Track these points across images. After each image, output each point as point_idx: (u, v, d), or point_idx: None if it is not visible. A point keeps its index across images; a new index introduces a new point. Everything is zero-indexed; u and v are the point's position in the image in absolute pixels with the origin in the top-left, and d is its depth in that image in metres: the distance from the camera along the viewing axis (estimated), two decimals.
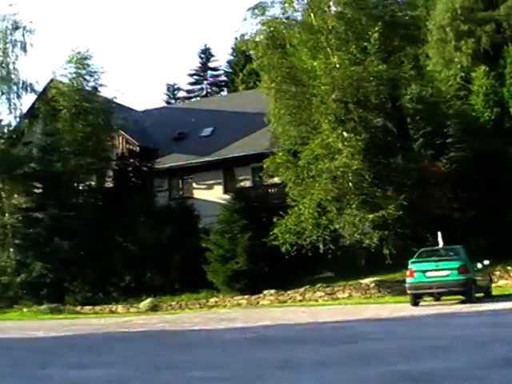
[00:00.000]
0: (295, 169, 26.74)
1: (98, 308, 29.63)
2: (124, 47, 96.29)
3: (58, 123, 33.16)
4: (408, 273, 19.48)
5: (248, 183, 35.90)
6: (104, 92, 35.23)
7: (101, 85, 34.84)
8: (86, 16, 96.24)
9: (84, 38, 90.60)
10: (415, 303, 19.15)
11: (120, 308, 29.39)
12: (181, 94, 71.33)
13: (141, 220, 30.04)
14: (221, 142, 37.62)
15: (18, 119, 33.84)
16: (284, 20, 28.16)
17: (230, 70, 74.20)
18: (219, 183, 37.20)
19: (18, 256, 31.46)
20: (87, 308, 29.78)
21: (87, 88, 34.55)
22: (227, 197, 33.47)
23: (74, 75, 34.46)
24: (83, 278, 30.03)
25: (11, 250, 31.82)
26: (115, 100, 34.87)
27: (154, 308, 28.74)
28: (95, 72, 34.72)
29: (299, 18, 28.46)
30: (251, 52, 30.09)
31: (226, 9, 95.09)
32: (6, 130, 33.79)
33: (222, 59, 74.72)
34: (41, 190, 32.32)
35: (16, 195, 33.25)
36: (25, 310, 31.04)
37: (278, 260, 27.14)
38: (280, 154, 26.85)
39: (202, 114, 42.31)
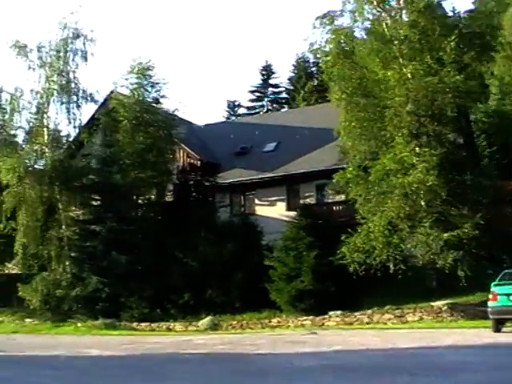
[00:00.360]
0: (365, 184, 26.87)
1: (154, 325, 30.22)
2: (185, 62, 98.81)
3: (118, 134, 34.05)
4: (491, 296, 19.12)
5: (312, 200, 36.06)
6: (166, 104, 36.04)
7: (162, 96, 35.81)
8: (149, 28, 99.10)
9: (146, 49, 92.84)
10: (497, 329, 18.75)
11: (178, 326, 29.89)
12: (241, 110, 72.64)
13: (202, 235, 30.47)
14: (284, 157, 38.24)
15: (77, 130, 34.76)
16: (354, 29, 28.42)
17: (291, 87, 75.27)
18: (282, 200, 37.76)
19: (73, 269, 32.36)
20: (143, 325, 30.42)
21: (148, 99, 35.34)
22: (290, 214, 34.10)
23: (136, 86, 35.49)
24: (140, 294, 30.59)
25: (67, 262, 32.76)
26: (176, 112, 35.51)
27: (213, 327, 29.11)
28: (157, 83, 35.74)
29: (369, 27, 28.66)
30: (321, 62, 30.38)
31: (288, 26, 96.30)
32: (64, 141, 34.66)
33: (283, 76, 75.90)
34: (99, 203, 33.11)
35: (73, 207, 34.15)
36: (79, 324, 31.94)
37: (345, 280, 27.22)
38: (350, 168, 27.03)
39: (265, 128, 43.10)
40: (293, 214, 33.58)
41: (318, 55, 30.14)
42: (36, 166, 34.36)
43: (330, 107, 41.89)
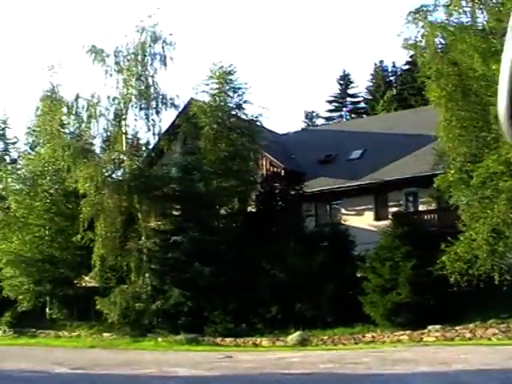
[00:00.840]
0: (467, 189, 26.76)
1: (240, 340, 30.83)
2: (262, 71, 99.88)
3: (200, 142, 34.71)
4: None
5: (401, 209, 36.06)
6: (248, 109, 36.66)
7: (245, 101, 36.31)
8: (228, 34, 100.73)
9: (224, 55, 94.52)
10: None
11: (265, 341, 30.42)
12: (319, 121, 73.52)
13: (291, 245, 30.88)
14: (371, 165, 38.55)
15: (156, 137, 35.74)
16: (449, 24, 28.39)
17: (370, 97, 75.87)
18: (370, 209, 37.90)
19: (154, 281, 33.16)
20: (228, 340, 31.12)
21: (230, 105, 35.99)
22: (378, 224, 34.64)
23: (217, 91, 36.05)
24: (224, 307, 31.20)
25: (147, 275, 33.59)
26: (260, 118, 36.20)
27: (302, 342, 29.52)
28: (239, 88, 36.26)
29: (466, 21, 28.60)
30: (415, 58, 30.53)
31: (366, 35, 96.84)
32: (143, 149, 35.62)
33: (361, 85, 76.56)
34: (180, 212, 33.78)
35: (153, 217, 34.97)
36: (159, 339, 32.76)
37: (445, 292, 27.16)
38: (452, 171, 27.01)
39: (349, 136, 43.49)
40: (381, 223, 34.04)
41: (413, 51, 30.13)
42: (114, 176, 35.23)
43: (417, 113, 42.20)
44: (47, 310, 39.85)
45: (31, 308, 38.73)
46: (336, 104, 78.06)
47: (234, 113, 37.00)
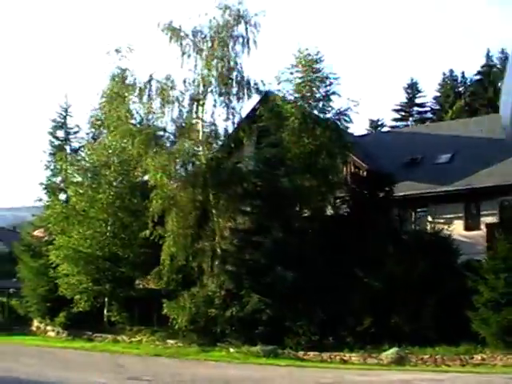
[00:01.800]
0: None
1: (325, 355, 27.97)
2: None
3: (283, 134, 31.79)
4: None
5: (493, 219, 33.07)
6: (336, 102, 33.79)
7: (333, 93, 33.28)
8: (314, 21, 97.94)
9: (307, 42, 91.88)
10: None
11: (355, 357, 27.62)
12: (384, 130, 71.11)
13: (389, 251, 27.81)
14: (461, 170, 35.98)
15: (235, 126, 32.80)
16: None
17: (437, 107, 74.36)
18: (459, 218, 34.83)
19: (229, 285, 30.23)
20: (312, 354, 28.54)
21: (317, 95, 33.06)
22: (468, 234, 33.14)
23: (302, 80, 33.16)
24: (310, 317, 28.56)
25: (221, 278, 30.66)
26: (349, 112, 33.18)
27: (399, 361, 26.64)
28: (326, 78, 33.23)
29: None
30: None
31: (435, 43, 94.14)
32: (222, 138, 32.76)
33: (429, 95, 74.38)
34: (261, 210, 30.78)
35: (230, 214, 32.00)
36: (231, 350, 29.86)
37: None
38: None
39: (437, 138, 40.63)
40: (472, 233, 32.65)
41: None
42: (188, 167, 32.38)
43: None
44: (105, 311, 37.30)
45: (88, 309, 36.07)
46: (402, 113, 76.12)
47: (320, 104, 33.89)
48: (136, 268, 36.45)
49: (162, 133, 32.93)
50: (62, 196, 42.43)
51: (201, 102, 32.94)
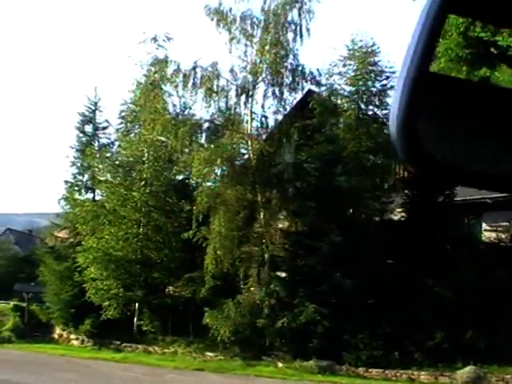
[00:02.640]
0: None
1: (390, 372, 25.42)
2: None
3: (338, 130, 29.36)
4: None
5: None
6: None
7: (391, 87, 30.85)
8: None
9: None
10: None
11: (424, 375, 25.18)
12: None
13: (462, 258, 25.19)
14: None
15: (284, 118, 30.35)
16: None
17: None
18: None
19: (281, 293, 27.53)
20: (374, 371, 26.07)
21: (373, 90, 30.64)
22: None
23: (356, 73, 30.72)
24: (371, 330, 26.12)
25: (271, 285, 27.95)
26: None
27: (476, 381, 23.91)
28: (382, 71, 30.83)
29: None
30: None
31: None
32: (272, 131, 30.25)
33: None
34: (316, 212, 28.19)
35: (281, 216, 29.45)
36: (280, 364, 27.30)
37: None
38: None
39: None
40: None
41: None
42: (236, 162, 29.92)
43: None
44: (135, 320, 34.64)
45: (117, 317, 33.49)
46: None
47: (376, 100, 31.44)
48: (170, 273, 33.85)
49: (207, 124, 30.28)
50: (89, 195, 40.03)
51: (250, 93, 30.37)
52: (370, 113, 31.71)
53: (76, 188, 40.40)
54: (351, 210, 30.68)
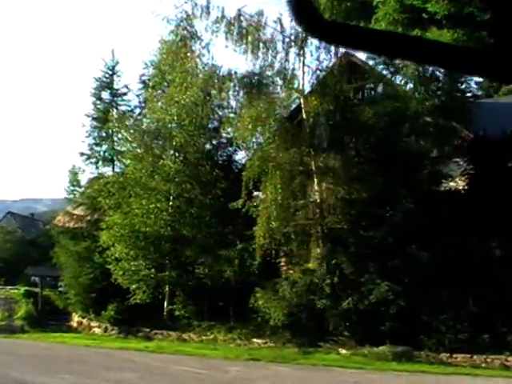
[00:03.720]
0: None
1: (479, 358, 22.04)
2: None
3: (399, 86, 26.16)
4: None
5: None
6: None
7: None
8: None
9: None
10: None
11: None
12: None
13: None
14: None
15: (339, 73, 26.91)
16: None
17: None
18: None
19: (346, 270, 24.00)
20: (459, 357, 22.84)
21: None
22: None
23: None
24: (455, 310, 22.53)
25: (334, 261, 24.43)
26: None
27: None
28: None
29: None
30: None
31: None
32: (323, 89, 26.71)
33: None
34: (386, 176, 24.79)
35: (343, 181, 25.98)
36: (343, 351, 23.92)
37: None
38: None
39: None
40: None
41: None
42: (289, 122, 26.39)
43: None
44: (165, 304, 31.04)
45: (148, 301, 29.94)
46: None
47: None
48: (205, 251, 30.25)
49: (257, 78, 26.60)
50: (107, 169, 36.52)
51: (303, 44, 26.76)
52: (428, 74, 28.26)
53: (95, 159, 36.71)
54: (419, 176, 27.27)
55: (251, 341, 27.62)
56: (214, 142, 32.74)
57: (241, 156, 32.96)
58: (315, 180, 26.49)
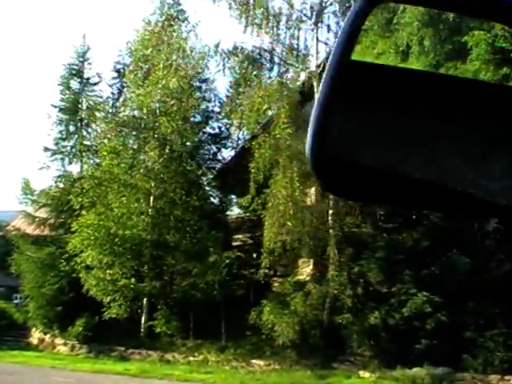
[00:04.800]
0: None
1: None
2: None
3: None
4: None
5: None
6: None
7: None
8: None
9: None
10: None
11: None
12: None
13: None
14: None
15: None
16: None
17: None
18: None
19: (372, 278, 20.46)
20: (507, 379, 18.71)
21: None
22: None
23: None
24: (507, 325, 18.75)
25: (357, 268, 20.76)
26: None
27: None
28: None
29: None
30: None
31: None
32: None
33: None
34: None
35: None
36: (366, 374, 20.70)
37: None
38: None
39: None
40: None
41: None
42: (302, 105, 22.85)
43: None
44: (143, 319, 26.94)
45: (125, 316, 25.85)
46: None
47: None
48: (192, 259, 26.24)
49: (266, 55, 22.93)
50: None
51: (318, 19, 23.17)
52: None
53: (63, 155, 32.29)
54: None
55: (250, 362, 23.80)
56: (202, 138, 28.94)
57: (226, 154, 29.51)
58: None
